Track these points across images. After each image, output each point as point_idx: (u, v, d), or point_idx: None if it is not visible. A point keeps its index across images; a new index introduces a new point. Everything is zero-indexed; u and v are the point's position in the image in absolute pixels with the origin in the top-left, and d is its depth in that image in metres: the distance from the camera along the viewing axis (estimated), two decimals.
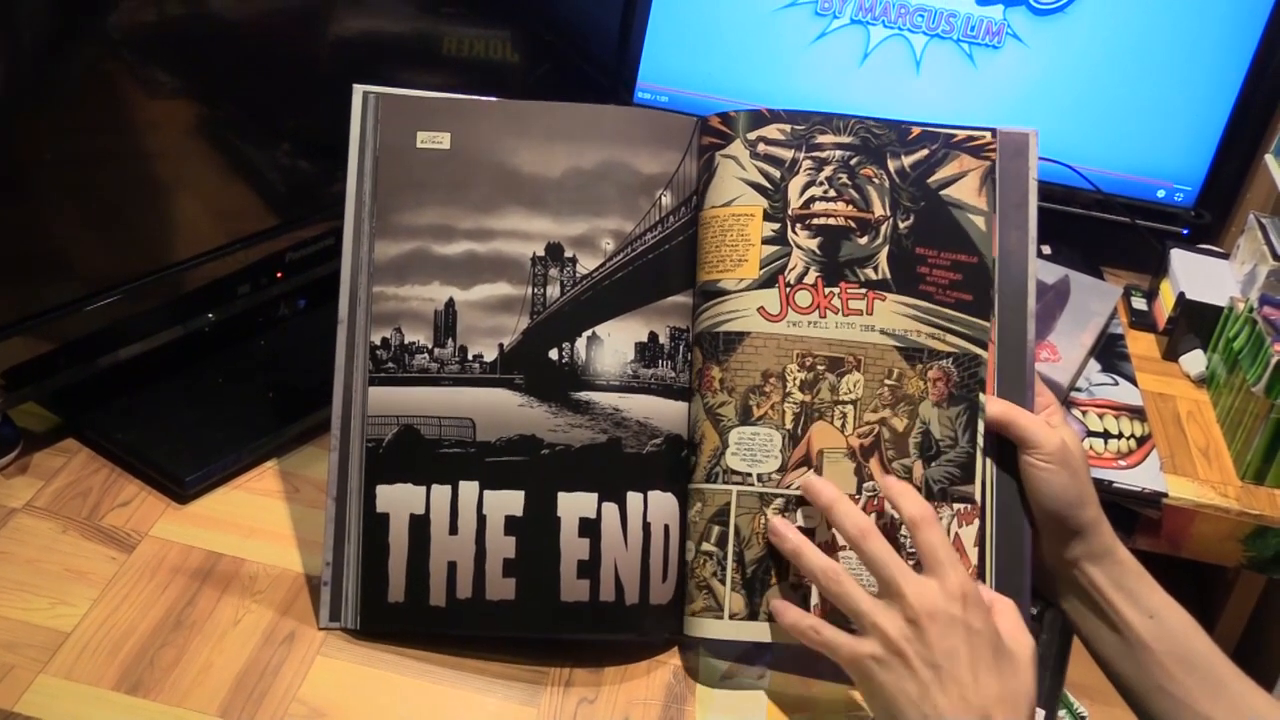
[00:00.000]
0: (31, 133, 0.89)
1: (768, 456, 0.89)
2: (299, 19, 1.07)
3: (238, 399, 1.10)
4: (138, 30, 0.93)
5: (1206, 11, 1.46)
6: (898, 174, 0.92)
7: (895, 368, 0.90)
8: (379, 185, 0.92)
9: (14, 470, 1.01)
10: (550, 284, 0.92)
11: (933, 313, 0.91)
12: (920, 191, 0.92)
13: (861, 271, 0.91)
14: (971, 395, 0.91)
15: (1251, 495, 1.28)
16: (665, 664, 0.92)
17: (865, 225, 0.91)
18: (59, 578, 0.92)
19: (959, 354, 0.91)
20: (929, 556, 0.81)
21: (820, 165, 0.92)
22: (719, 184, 0.92)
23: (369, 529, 0.90)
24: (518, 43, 1.29)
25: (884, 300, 0.91)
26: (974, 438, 0.91)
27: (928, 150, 0.93)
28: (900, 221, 0.92)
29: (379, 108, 0.92)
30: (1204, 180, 1.55)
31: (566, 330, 0.92)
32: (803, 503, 0.88)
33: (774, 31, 1.52)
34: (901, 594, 0.79)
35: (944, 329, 0.91)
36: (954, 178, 0.93)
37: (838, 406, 0.90)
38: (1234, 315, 1.39)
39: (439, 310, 0.91)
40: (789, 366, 0.90)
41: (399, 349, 0.91)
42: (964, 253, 0.92)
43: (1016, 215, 0.94)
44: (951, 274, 0.92)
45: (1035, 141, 0.94)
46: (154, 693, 0.84)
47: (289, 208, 1.11)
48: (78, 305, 0.96)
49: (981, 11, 1.48)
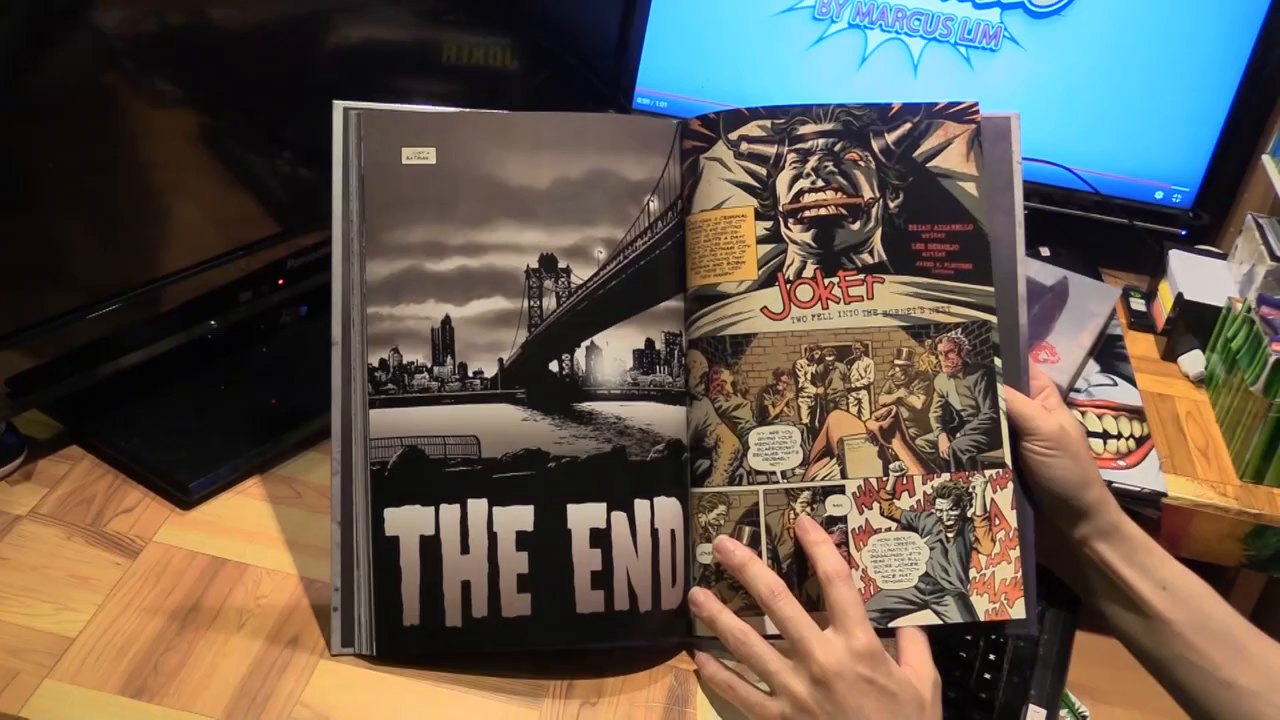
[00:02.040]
0: (34, 142, 0.90)
1: (789, 453, 0.90)
2: (299, 28, 1.08)
3: (240, 405, 1.10)
4: (139, 40, 0.94)
5: (1203, 13, 1.46)
6: (883, 153, 0.92)
7: (904, 347, 0.91)
8: (367, 204, 0.91)
9: (18, 477, 1.01)
10: (546, 296, 0.92)
11: (933, 287, 0.91)
12: (907, 167, 0.93)
13: (858, 258, 0.91)
14: (986, 361, 0.91)
15: (1251, 494, 1.28)
16: (667, 667, 0.93)
17: (856, 210, 0.92)
18: (63, 583, 0.92)
19: (967, 322, 0.91)
20: (839, 613, 0.83)
21: (805, 156, 0.92)
22: (706, 187, 0.92)
23: (380, 553, 0.90)
24: (517, 50, 1.30)
25: (883, 283, 0.91)
26: (995, 402, 0.91)
27: (910, 124, 0.93)
28: (890, 201, 0.92)
29: (360, 124, 0.92)
30: (1202, 181, 1.55)
31: (565, 341, 0.92)
32: (831, 492, 0.89)
33: (772, 36, 1.52)
34: (810, 654, 0.81)
35: (947, 300, 0.91)
36: (939, 147, 0.93)
37: (851, 394, 0.90)
38: (1232, 315, 1.39)
39: (435, 328, 0.91)
40: (798, 362, 0.90)
41: (398, 369, 0.91)
42: (958, 222, 0.92)
43: (1002, 199, 0.94)
44: (948, 245, 0.92)
45: (1017, 124, 0.95)
46: (158, 697, 0.85)
47: (289, 215, 1.12)
48: (81, 313, 0.97)
49: (978, 15, 1.49)
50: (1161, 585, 0.90)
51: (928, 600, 0.89)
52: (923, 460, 0.90)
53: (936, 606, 0.89)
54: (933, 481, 0.90)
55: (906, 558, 0.86)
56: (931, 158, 0.93)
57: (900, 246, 0.92)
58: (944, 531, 0.89)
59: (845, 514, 0.89)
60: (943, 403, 0.91)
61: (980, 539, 0.89)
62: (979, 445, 0.90)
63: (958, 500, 0.89)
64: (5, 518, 0.97)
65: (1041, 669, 1.01)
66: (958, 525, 0.89)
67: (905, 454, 0.90)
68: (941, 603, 0.89)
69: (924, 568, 0.89)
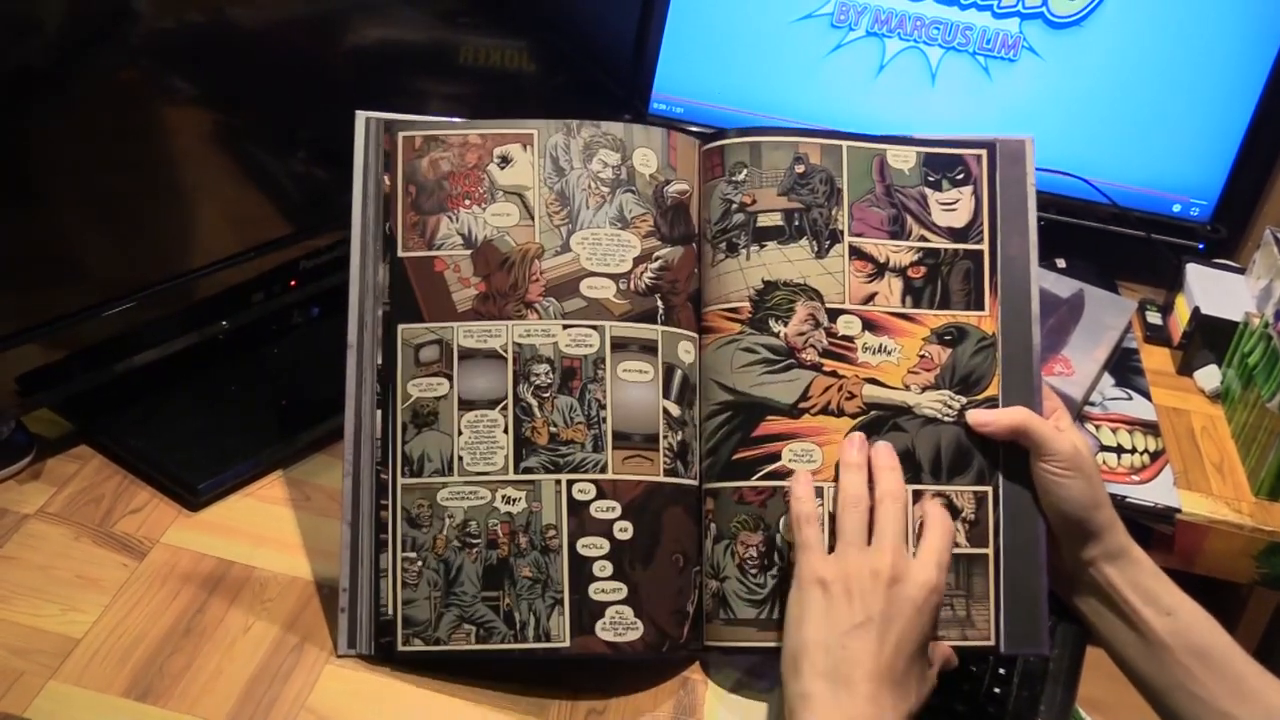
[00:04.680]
0: (50, 139, 0.90)
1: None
2: (316, 28, 1.07)
3: (250, 407, 1.10)
4: (156, 38, 0.94)
5: (1223, 26, 1.45)
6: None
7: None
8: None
9: (27, 476, 1.01)
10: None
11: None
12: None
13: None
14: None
15: (1265, 511, 1.27)
16: (673, 676, 0.92)
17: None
18: (70, 584, 0.92)
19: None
20: (927, 543, 0.85)
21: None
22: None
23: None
24: (534, 53, 1.29)
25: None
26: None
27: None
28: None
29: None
30: (1220, 195, 1.54)
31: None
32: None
33: (790, 43, 1.52)
34: (885, 551, 0.82)
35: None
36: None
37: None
38: (1249, 330, 1.38)
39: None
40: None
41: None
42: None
43: (1017, 221, 0.94)
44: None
45: (1032, 148, 0.94)
46: (163, 700, 0.84)
47: (303, 216, 1.11)
48: (93, 311, 0.97)
49: (998, 25, 1.48)
50: (1166, 611, 0.89)
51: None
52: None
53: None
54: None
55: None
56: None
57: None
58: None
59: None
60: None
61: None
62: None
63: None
64: (13, 517, 0.97)
65: (1052, 684, 1.00)
66: None
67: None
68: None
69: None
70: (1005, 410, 0.90)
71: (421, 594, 0.88)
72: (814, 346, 0.91)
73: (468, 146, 0.92)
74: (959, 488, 0.90)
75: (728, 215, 0.93)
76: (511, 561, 0.89)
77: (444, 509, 0.89)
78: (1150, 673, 0.91)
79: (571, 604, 0.88)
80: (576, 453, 0.89)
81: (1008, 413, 0.90)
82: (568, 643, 0.88)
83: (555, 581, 0.88)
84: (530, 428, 0.90)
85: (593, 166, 0.92)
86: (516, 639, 0.88)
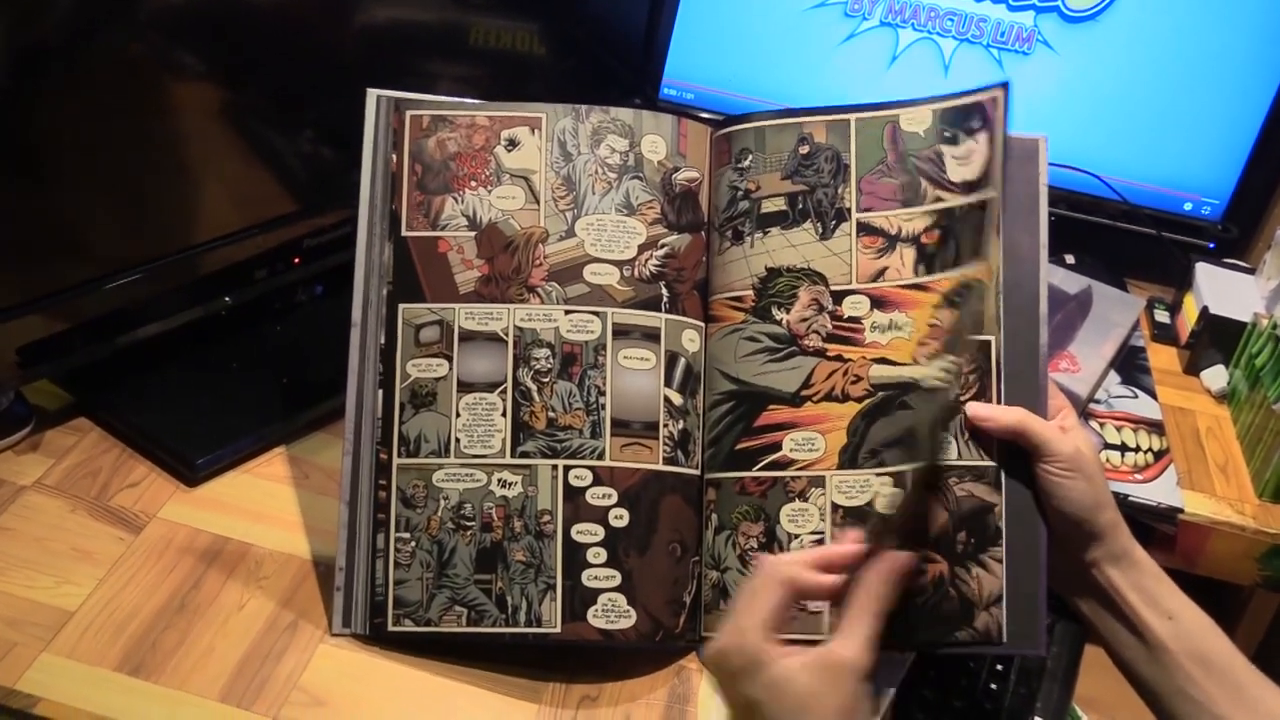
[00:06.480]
0: (55, 113, 0.90)
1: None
2: (326, 6, 1.07)
3: (251, 384, 1.10)
4: (164, 13, 0.93)
5: (1240, 25, 1.44)
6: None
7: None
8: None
9: (25, 447, 1.01)
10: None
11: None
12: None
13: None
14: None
15: (1269, 514, 1.27)
16: (668, 663, 0.92)
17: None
18: (65, 556, 0.92)
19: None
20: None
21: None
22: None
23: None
24: (545, 36, 1.29)
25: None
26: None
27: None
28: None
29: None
30: (1232, 194, 1.53)
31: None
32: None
33: (803, 31, 1.51)
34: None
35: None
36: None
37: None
38: (1257, 331, 1.37)
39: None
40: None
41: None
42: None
43: (1027, 220, 0.92)
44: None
45: (1045, 147, 0.93)
46: (155, 675, 0.84)
47: (308, 194, 1.11)
48: (95, 284, 0.96)
49: (1013, 17, 1.47)
50: (1168, 615, 0.89)
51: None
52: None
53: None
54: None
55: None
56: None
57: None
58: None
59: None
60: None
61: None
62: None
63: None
64: (10, 488, 0.97)
65: (1049, 682, 1.00)
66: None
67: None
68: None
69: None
70: (1004, 409, 0.89)
71: (414, 575, 0.88)
72: (817, 332, 0.90)
73: (475, 128, 0.92)
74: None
75: (734, 203, 0.92)
76: (505, 545, 0.88)
77: (439, 490, 0.89)
78: (1150, 676, 0.90)
79: (564, 590, 0.88)
80: (574, 438, 0.89)
81: (1006, 412, 0.89)
82: (559, 628, 0.88)
83: (548, 567, 0.88)
84: (529, 412, 0.89)
85: (600, 152, 0.92)
86: (508, 623, 0.88)
